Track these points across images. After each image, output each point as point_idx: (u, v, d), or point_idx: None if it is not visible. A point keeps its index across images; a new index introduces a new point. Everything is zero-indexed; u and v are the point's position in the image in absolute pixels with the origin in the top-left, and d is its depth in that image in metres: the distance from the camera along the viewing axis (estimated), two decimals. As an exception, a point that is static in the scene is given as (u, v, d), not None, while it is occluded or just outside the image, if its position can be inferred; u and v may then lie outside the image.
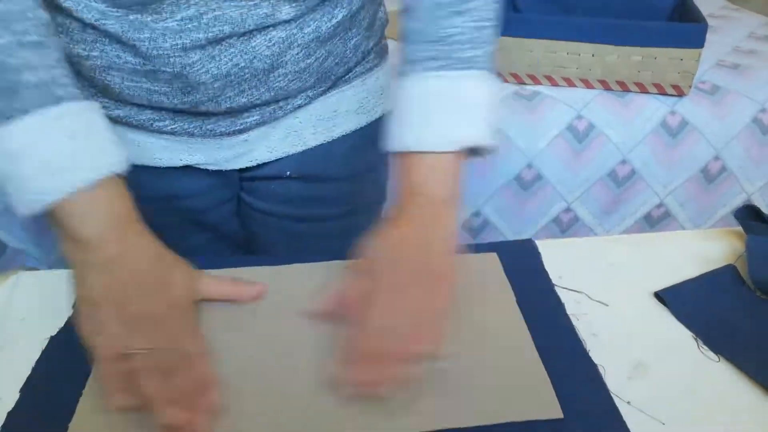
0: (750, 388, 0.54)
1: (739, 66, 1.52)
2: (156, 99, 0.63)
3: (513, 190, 1.42)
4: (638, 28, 1.35)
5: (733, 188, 1.46)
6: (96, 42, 0.60)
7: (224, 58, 0.61)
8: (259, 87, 0.65)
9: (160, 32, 0.57)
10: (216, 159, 0.72)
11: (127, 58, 0.60)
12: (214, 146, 0.70)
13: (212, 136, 0.69)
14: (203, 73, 0.61)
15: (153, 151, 0.70)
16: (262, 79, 0.64)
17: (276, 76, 0.65)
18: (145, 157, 0.70)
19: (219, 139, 0.70)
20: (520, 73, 1.44)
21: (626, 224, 1.49)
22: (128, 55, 0.60)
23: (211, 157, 0.71)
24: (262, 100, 0.66)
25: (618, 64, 1.38)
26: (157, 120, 0.67)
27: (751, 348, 0.57)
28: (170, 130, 0.68)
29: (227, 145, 0.70)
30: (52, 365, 0.55)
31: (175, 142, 0.69)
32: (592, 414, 0.51)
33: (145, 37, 0.58)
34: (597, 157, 1.40)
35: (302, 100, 0.71)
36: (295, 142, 0.74)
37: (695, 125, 1.40)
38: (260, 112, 0.68)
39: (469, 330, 0.57)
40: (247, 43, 0.61)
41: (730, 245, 0.70)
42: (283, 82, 0.66)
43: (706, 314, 0.60)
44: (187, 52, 0.59)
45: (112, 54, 0.60)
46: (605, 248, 0.70)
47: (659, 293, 0.63)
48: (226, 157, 0.72)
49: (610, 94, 1.43)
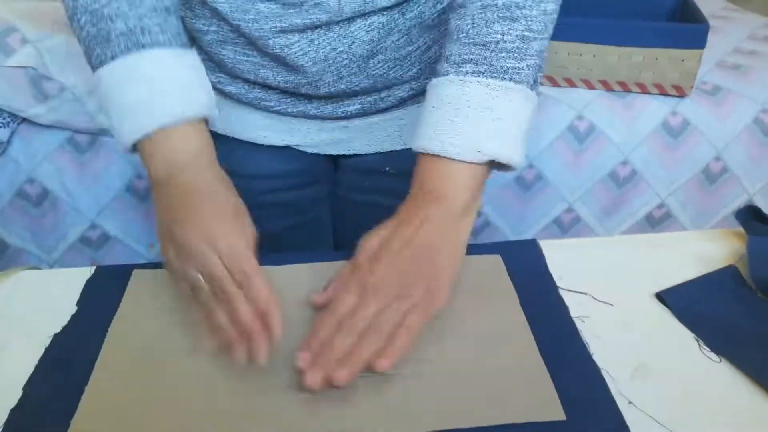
0: (752, 389, 0.54)
1: (741, 67, 1.52)
2: (263, 74, 0.67)
3: (514, 190, 1.41)
4: (639, 29, 1.35)
5: (735, 189, 1.46)
6: (213, 18, 0.64)
7: (322, 42, 0.63)
8: (358, 74, 0.66)
9: (263, 14, 0.61)
10: (315, 142, 0.75)
11: (238, 34, 0.64)
12: (315, 128, 0.73)
13: (314, 119, 0.72)
14: (301, 56, 0.63)
15: (258, 128, 0.74)
16: (361, 65, 0.65)
17: (375, 63, 0.66)
18: (251, 133, 0.74)
19: (320, 122, 0.73)
20: (521, 74, 1.43)
21: (627, 225, 1.48)
22: (237, 31, 0.64)
23: (310, 140, 0.74)
24: (361, 87, 0.68)
25: (619, 64, 1.38)
26: (264, 99, 0.71)
27: (752, 349, 0.57)
28: (276, 109, 0.72)
29: (328, 128, 0.73)
30: (54, 363, 0.55)
31: (279, 122, 0.73)
32: (595, 415, 0.50)
33: (249, 18, 0.61)
34: (598, 157, 1.40)
35: (405, 92, 0.71)
36: (396, 141, 0.74)
37: (696, 126, 1.40)
38: (361, 101, 0.70)
39: (472, 332, 0.57)
40: (346, 27, 0.62)
41: (731, 246, 0.70)
42: (383, 69, 0.66)
43: (708, 315, 0.60)
44: (286, 35, 0.62)
45: (226, 29, 0.65)
46: (606, 249, 0.70)
47: (660, 294, 0.63)
48: (325, 141, 0.75)
49: (611, 95, 1.42)
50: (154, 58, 0.58)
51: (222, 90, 0.72)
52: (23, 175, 1.28)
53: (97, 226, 1.35)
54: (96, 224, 1.35)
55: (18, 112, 1.23)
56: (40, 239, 1.34)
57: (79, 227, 1.34)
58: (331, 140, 0.75)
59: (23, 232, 1.33)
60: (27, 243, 1.34)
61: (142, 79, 0.57)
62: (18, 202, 1.30)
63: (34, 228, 1.33)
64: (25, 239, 1.34)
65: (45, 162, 1.28)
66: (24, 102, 1.22)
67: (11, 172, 1.28)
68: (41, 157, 1.28)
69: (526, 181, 1.41)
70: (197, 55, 0.63)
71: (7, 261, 1.34)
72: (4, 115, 1.24)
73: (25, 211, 1.31)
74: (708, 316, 0.60)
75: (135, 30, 0.58)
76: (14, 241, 1.33)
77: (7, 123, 1.24)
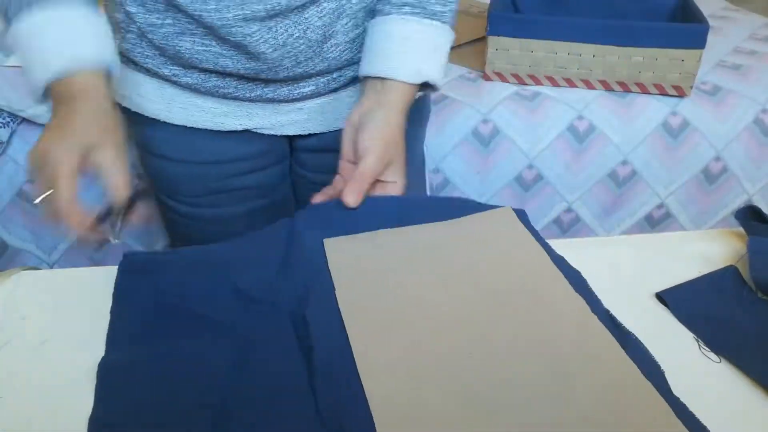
0: (752, 389, 0.54)
1: (741, 67, 1.52)
2: (222, 63, 0.71)
3: (514, 190, 1.41)
4: (639, 29, 1.35)
5: (734, 189, 1.46)
6: (168, 11, 0.68)
7: (280, 29, 0.68)
8: (314, 58, 0.72)
9: (224, 4, 0.65)
10: (272, 124, 0.79)
11: (198, 24, 0.68)
12: (271, 111, 0.78)
13: (271, 102, 0.77)
14: (262, 43, 0.68)
15: (216, 115, 0.77)
16: (316, 49, 0.72)
17: (329, 47, 0.73)
18: (210, 121, 0.78)
19: (277, 105, 0.77)
20: (521, 74, 1.43)
21: (627, 225, 1.48)
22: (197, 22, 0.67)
23: (267, 122, 0.79)
24: (316, 70, 0.74)
25: (619, 64, 1.38)
26: (222, 87, 0.74)
27: (752, 349, 0.57)
28: (233, 96, 0.75)
29: (284, 110, 0.78)
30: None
31: (237, 107, 0.77)
32: None
33: (210, 8, 0.65)
34: (598, 157, 1.40)
35: (354, 72, 0.77)
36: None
37: (696, 126, 1.40)
38: (315, 83, 0.76)
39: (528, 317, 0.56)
40: (300, 14, 0.68)
41: (731, 246, 0.70)
42: (336, 53, 0.74)
43: (708, 315, 0.60)
44: (248, 23, 0.66)
45: (184, 20, 0.68)
46: (606, 249, 0.70)
47: (660, 294, 0.63)
48: (281, 122, 0.79)
49: (611, 95, 1.43)
50: (67, 16, 0.63)
51: (177, 82, 0.75)
52: (23, 175, 1.28)
53: (97, 226, 1.35)
54: (96, 224, 1.35)
55: (18, 112, 1.23)
56: (40, 239, 1.34)
57: (79, 227, 1.34)
58: (288, 121, 0.79)
59: (23, 232, 1.33)
60: (27, 243, 1.34)
61: (57, 25, 0.63)
62: (18, 202, 1.30)
63: (34, 228, 1.33)
64: (25, 239, 1.34)
65: (45, 162, 1.28)
66: (24, 102, 1.22)
67: (11, 172, 1.28)
68: (41, 157, 1.28)
69: (526, 181, 1.41)
70: (105, 21, 0.67)
71: (7, 261, 1.34)
72: (4, 115, 1.24)
73: (25, 211, 1.31)
74: (708, 316, 0.60)
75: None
76: (14, 241, 1.33)
77: (7, 123, 1.24)
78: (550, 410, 0.48)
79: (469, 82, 1.46)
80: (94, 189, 0.61)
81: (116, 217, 0.63)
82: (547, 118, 1.39)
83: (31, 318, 0.60)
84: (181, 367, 0.52)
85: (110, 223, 0.63)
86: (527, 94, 1.42)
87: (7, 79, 1.20)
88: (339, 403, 0.49)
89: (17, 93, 1.21)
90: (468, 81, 1.46)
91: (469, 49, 1.59)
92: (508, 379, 0.51)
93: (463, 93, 1.41)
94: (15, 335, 0.58)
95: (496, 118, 1.38)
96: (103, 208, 0.62)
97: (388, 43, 0.69)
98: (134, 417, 0.49)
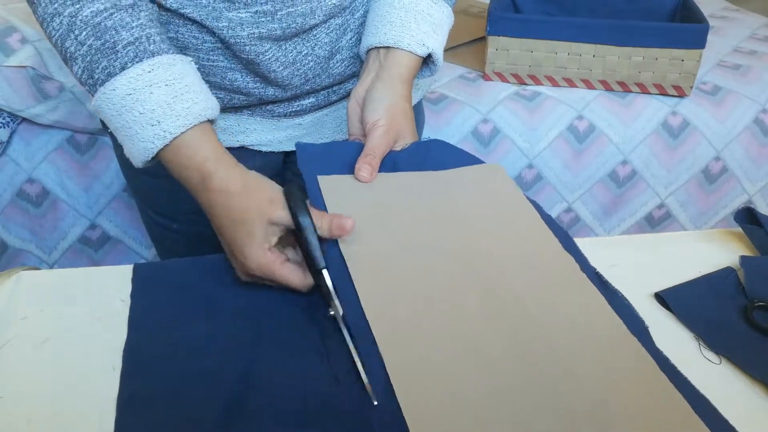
0: (752, 389, 0.54)
1: (740, 67, 1.52)
2: (231, 76, 0.69)
3: (514, 190, 1.41)
4: (639, 29, 1.35)
5: (734, 189, 1.46)
6: (169, 24, 0.66)
7: (289, 46, 0.68)
8: (321, 74, 0.72)
9: (237, 22, 0.64)
10: (269, 140, 0.78)
11: (205, 38, 0.66)
12: (270, 127, 0.77)
13: (270, 117, 0.75)
14: (273, 62, 0.68)
15: None
16: (324, 65, 0.72)
17: (335, 62, 0.73)
18: None
19: (276, 121, 0.76)
20: (521, 74, 1.44)
21: (627, 225, 1.48)
22: (206, 34, 0.66)
23: (264, 138, 0.77)
24: (321, 86, 0.74)
25: (619, 64, 1.38)
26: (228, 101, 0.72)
27: (752, 349, 0.57)
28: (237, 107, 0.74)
29: (282, 126, 0.77)
30: None
31: (234, 123, 0.75)
32: None
33: (223, 26, 0.65)
34: (598, 157, 1.40)
35: (351, 84, 0.76)
36: (344, 133, 0.77)
37: (696, 126, 1.40)
38: (315, 96, 0.75)
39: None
40: (309, 31, 0.68)
41: (730, 246, 0.70)
42: (341, 68, 0.74)
43: (708, 315, 0.60)
44: (261, 41, 0.66)
45: (188, 35, 0.67)
46: (606, 249, 0.70)
47: (660, 294, 0.63)
48: (279, 138, 0.78)
49: (610, 95, 1.43)
50: (166, 63, 0.58)
51: None
52: (23, 175, 1.28)
53: (97, 226, 1.35)
54: (96, 224, 1.35)
55: (18, 112, 1.23)
56: (40, 239, 1.34)
57: (79, 227, 1.34)
58: (285, 138, 0.78)
59: (23, 232, 1.33)
60: (27, 243, 1.34)
61: (161, 84, 0.57)
62: (18, 202, 1.30)
63: (34, 228, 1.33)
64: (25, 239, 1.33)
65: (45, 162, 1.28)
66: (24, 102, 1.22)
67: (11, 172, 1.28)
68: (41, 157, 1.28)
69: (526, 181, 1.41)
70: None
71: (7, 261, 1.34)
72: (4, 115, 1.24)
73: (25, 211, 1.31)
74: (708, 316, 0.60)
75: (141, 39, 0.58)
76: (14, 241, 1.33)
77: (7, 123, 1.24)
78: (547, 364, 0.51)
79: (469, 82, 1.46)
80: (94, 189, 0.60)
81: None
82: (547, 118, 1.39)
83: (31, 318, 0.60)
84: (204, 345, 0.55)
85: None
86: (527, 94, 1.42)
87: (7, 79, 1.20)
88: (350, 357, 0.52)
89: (17, 93, 1.21)
90: (468, 81, 1.46)
91: (469, 49, 1.59)
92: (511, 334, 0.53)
93: (463, 93, 1.41)
94: (15, 335, 0.58)
95: (495, 118, 1.38)
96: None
97: (392, 14, 0.69)
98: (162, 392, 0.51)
